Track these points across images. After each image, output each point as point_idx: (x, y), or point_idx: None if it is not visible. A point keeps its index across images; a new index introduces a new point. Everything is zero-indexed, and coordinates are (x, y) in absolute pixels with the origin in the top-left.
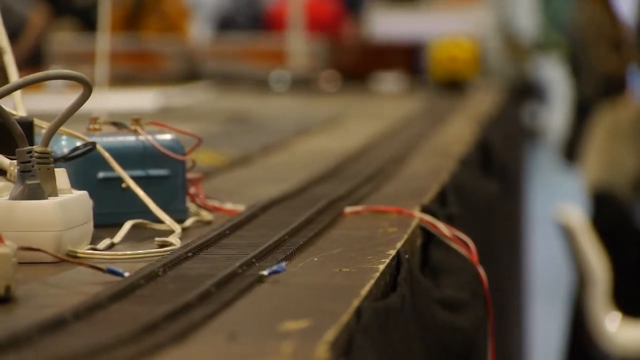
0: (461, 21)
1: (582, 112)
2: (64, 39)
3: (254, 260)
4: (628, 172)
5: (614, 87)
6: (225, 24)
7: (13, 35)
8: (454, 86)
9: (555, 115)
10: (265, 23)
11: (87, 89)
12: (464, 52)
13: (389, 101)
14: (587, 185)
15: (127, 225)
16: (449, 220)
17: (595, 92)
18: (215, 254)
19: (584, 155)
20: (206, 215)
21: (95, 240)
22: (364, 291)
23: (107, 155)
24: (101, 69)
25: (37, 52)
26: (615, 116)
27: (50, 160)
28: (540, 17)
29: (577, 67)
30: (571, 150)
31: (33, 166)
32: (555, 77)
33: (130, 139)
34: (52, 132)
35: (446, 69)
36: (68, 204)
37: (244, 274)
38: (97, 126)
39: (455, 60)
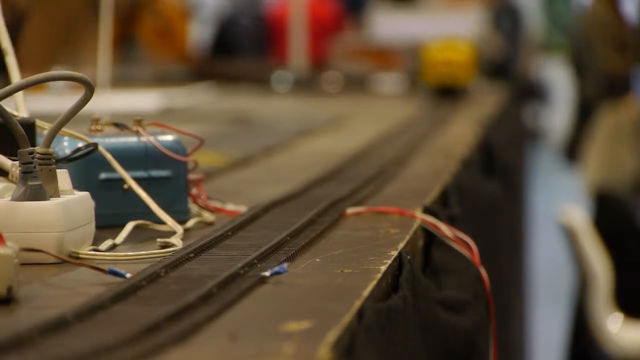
0: (465, 23)
1: (585, 112)
2: None
3: (255, 261)
4: (628, 174)
5: (617, 88)
6: (228, 24)
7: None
8: (448, 92)
9: (557, 116)
10: (268, 24)
11: (89, 90)
12: (460, 55)
13: (391, 102)
14: (587, 185)
15: (129, 226)
16: (451, 221)
17: (598, 92)
18: (217, 255)
19: (585, 155)
20: (208, 216)
21: (97, 241)
22: (366, 292)
23: (109, 156)
24: (103, 70)
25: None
26: (617, 117)
27: (52, 161)
28: (542, 18)
29: (580, 67)
30: (572, 150)
31: (35, 167)
32: (557, 78)
33: (132, 140)
34: (54, 133)
35: (440, 74)
36: (70, 205)
37: (246, 275)
38: (99, 127)
39: (450, 64)
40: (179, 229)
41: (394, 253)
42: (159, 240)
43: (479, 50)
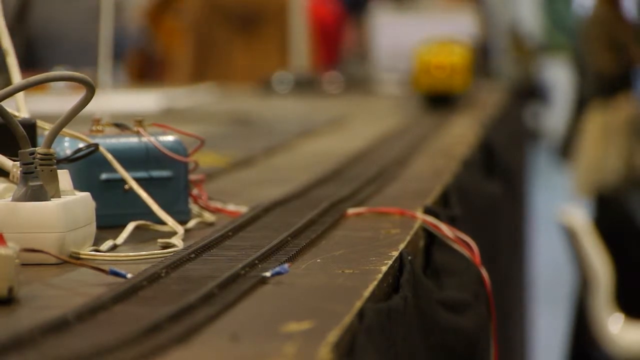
0: (467, 24)
1: (580, 111)
2: None
3: (256, 261)
4: (616, 173)
5: (608, 87)
6: None
7: None
8: (442, 100)
9: (558, 116)
10: None
11: (90, 90)
12: (457, 59)
13: (392, 103)
14: (577, 184)
15: (130, 226)
16: (452, 222)
17: (591, 91)
18: (218, 255)
19: (575, 154)
20: (209, 217)
21: (98, 241)
22: (367, 292)
23: (109, 156)
24: (104, 70)
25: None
26: (606, 116)
27: (53, 162)
28: (543, 19)
29: (582, 67)
30: (567, 149)
31: (36, 167)
32: (558, 78)
33: (133, 140)
34: (55, 133)
35: (434, 79)
36: (71, 205)
37: (247, 276)
38: (99, 127)
39: (443, 68)
40: (180, 230)
41: (395, 253)
42: (159, 240)
43: (475, 52)
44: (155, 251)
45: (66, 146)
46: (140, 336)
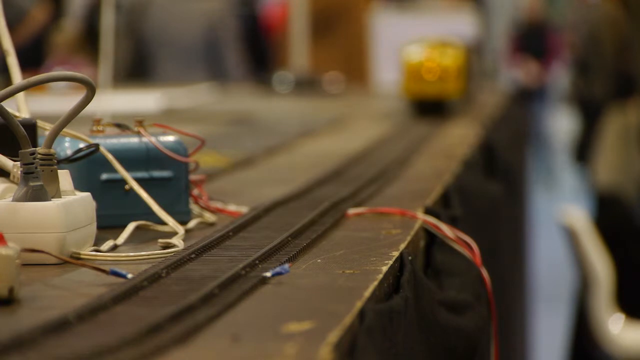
0: (467, 24)
1: (592, 113)
2: None
3: (257, 262)
4: (637, 175)
5: (626, 88)
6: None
7: (10, 28)
8: (433, 107)
9: (559, 117)
10: (263, 24)
11: (91, 90)
12: (448, 61)
13: (393, 102)
14: (596, 187)
15: (131, 226)
16: (452, 222)
17: (607, 92)
18: (219, 255)
19: (593, 157)
20: (209, 217)
21: (98, 241)
22: (367, 293)
23: (110, 156)
24: (105, 70)
25: (38, 50)
26: (626, 118)
27: (54, 162)
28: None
29: (585, 67)
30: (582, 152)
31: (36, 168)
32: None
33: (134, 140)
34: (56, 133)
35: (422, 83)
36: (71, 205)
37: (247, 276)
38: (100, 128)
39: (433, 71)
40: (180, 230)
41: (396, 254)
42: (160, 240)
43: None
44: (156, 251)
45: (67, 146)
46: (141, 336)
